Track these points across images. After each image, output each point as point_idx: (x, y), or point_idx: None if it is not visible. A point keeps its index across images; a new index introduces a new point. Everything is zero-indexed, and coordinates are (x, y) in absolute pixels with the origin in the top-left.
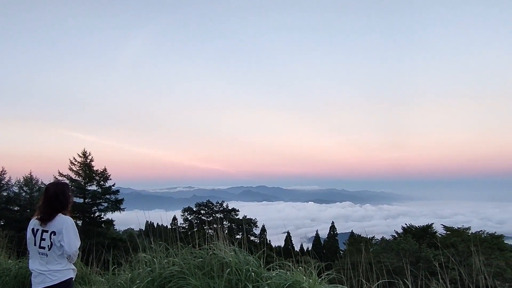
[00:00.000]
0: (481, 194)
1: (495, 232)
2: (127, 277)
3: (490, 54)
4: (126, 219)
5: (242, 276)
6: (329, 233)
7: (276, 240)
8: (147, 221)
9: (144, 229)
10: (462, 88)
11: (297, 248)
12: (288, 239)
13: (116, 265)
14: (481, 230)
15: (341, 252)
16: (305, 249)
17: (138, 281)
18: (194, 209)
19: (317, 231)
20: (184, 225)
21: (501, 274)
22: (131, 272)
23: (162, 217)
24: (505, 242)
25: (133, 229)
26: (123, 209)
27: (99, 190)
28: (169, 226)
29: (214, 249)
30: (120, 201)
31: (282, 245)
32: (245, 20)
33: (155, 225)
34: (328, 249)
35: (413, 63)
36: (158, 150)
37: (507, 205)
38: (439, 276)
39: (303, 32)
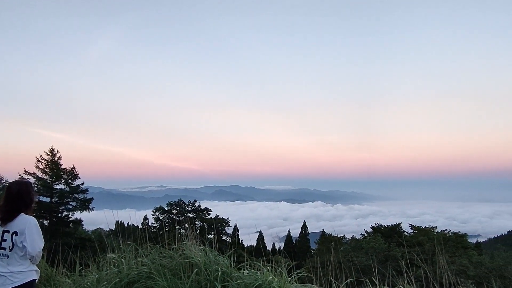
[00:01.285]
0: (447, 194)
1: (459, 231)
2: (94, 278)
3: (456, 56)
4: (95, 219)
5: (211, 276)
6: (301, 232)
7: (249, 239)
8: (117, 221)
9: (114, 229)
10: (430, 90)
11: (269, 247)
12: (260, 238)
13: (83, 266)
14: (446, 229)
15: (312, 251)
16: (277, 248)
17: (105, 282)
18: (166, 208)
19: (289, 231)
20: (155, 225)
21: (464, 271)
22: (98, 273)
23: (133, 216)
24: (469, 240)
25: (102, 229)
26: (92, 209)
27: (67, 189)
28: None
29: (183, 249)
30: (89, 201)
31: (254, 245)
32: (221, 19)
33: (126, 225)
34: (300, 249)
35: (383, 65)
36: (130, 149)
37: (470, 205)
38: (406, 274)
39: (276, 34)
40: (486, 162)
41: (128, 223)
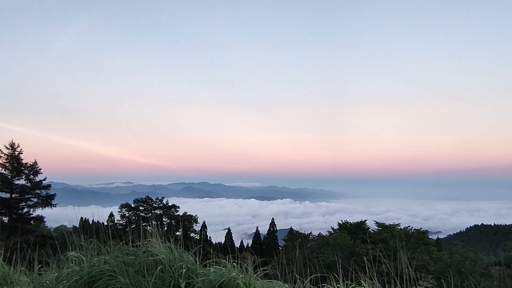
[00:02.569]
0: (411, 192)
1: (420, 228)
2: (53, 276)
3: (423, 57)
4: (58, 216)
5: (176, 273)
6: (269, 229)
7: (217, 236)
8: (81, 218)
9: (77, 226)
10: (397, 90)
11: (237, 244)
12: (229, 235)
13: (43, 264)
14: (409, 226)
15: (280, 248)
16: (245, 245)
17: (64, 281)
18: (132, 205)
19: (257, 228)
20: (121, 222)
21: (425, 266)
22: (58, 271)
23: (98, 213)
24: (430, 237)
25: (65, 226)
26: (54, 205)
27: (28, 184)
28: (105, 223)
29: (148, 247)
30: (52, 197)
31: (223, 242)
32: (191, 16)
33: (90, 222)
34: (268, 245)
35: (352, 65)
36: (96, 144)
37: (432, 203)
38: (367, 270)
39: (247, 32)
40: (448, 162)
41: (93, 220)
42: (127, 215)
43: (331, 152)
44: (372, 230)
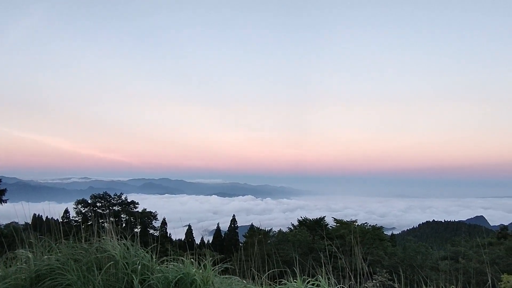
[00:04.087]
0: (368, 190)
1: (376, 224)
2: None
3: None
4: (9, 212)
5: (129, 269)
6: (230, 226)
7: (178, 233)
8: (34, 214)
9: (30, 223)
10: (358, 90)
11: (198, 241)
12: (189, 232)
13: None
14: (366, 223)
15: (241, 244)
16: (206, 242)
17: (9, 279)
18: (89, 201)
19: (218, 224)
20: (77, 219)
21: (380, 261)
22: (4, 270)
23: (53, 210)
24: (385, 233)
25: (17, 223)
26: (5, 201)
27: None
28: (60, 220)
29: (101, 243)
30: (2, 192)
31: (183, 238)
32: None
33: (44, 219)
34: (228, 242)
35: (317, 64)
36: (51, 137)
37: (388, 200)
38: (324, 266)
39: (213, 28)
40: (403, 161)
41: (46, 216)
42: (83, 211)
43: (293, 150)
44: (330, 226)
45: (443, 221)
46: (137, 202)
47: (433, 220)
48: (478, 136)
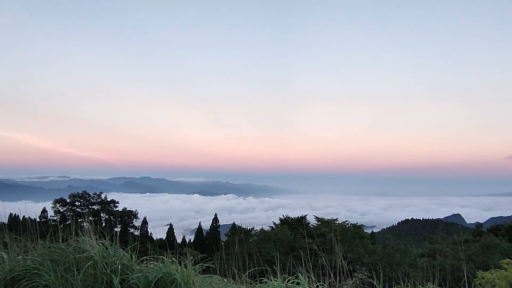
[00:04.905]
0: (349, 188)
1: (356, 222)
2: None
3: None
4: None
5: (108, 269)
6: (212, 225)
7: (159, 232)
8: (10, 214)
9: (6, 223)
10: (337, 90)
11: (179, 240)
12: (170, 231)
13: None
14: (347, 221)
15: (222, 243)
16: (187, 241)
17: None
18: (68, 200)
19: (200, 223)
20: (54, 218)
21: (360, 259)
22: None
23: (30, 209)
24: (365, 231)
25: None
26: None
27: None
28: (37, 219)
29: (79, 243)
30: None
31: (164, 238)
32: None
33: (21, 218)
34: (210, 241)
35: (299, 63)
36: (29, 135)
37: (368, 199)
38: (305, 264)
39: (195, 27)
40: (383, 160)
41: (23, 216)
42: (61, 210)
43: (275, 149)
44: (312, 225)
45: (421, 219)
46: (117, 201)
47: (412, 218)
48: (457, 136)
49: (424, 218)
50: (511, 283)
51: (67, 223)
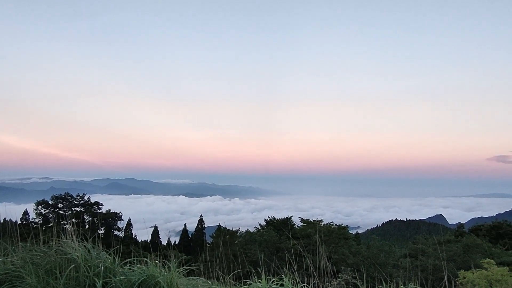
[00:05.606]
0: (335, 190)
1: (341, 223)
2: None
3: (351, 60)
4: None
5: (91, 272)
6: (197, 226)
7: (144, 234)
8: None
9: None
10: (323, 92)
11: (164, 242)
12: (155, 233)
13: None
14: (332, 222)
15: (208, 245)
16: (172, 243)
17: None
18: (50, 202)
19: (185, 225)
20: (36, 220)
21: (345, 260)
22: None
23: (11, 211)
24: (350, 232)
25: None
26: None
27: None
28: (18, 222)
29: (61, 246)
30: None
31: (149, 240)
32: (119, 7)
33: (2, 221)
34: (195, 242)
35: (281, 65)
36: (10, 136)
37: (353, 200)
38: (289, 265)
39: (178, 27)
40: (368, 161)
41: (4, 218)
42: (43, 212)
43: (261, 150)
44: (297, 226)
45: (405, 220)
46: (101, 203)
47: (396, 219)
48: (440, 138)
49: (408, 218)
50: (491, 283)
51: (49, 225)
